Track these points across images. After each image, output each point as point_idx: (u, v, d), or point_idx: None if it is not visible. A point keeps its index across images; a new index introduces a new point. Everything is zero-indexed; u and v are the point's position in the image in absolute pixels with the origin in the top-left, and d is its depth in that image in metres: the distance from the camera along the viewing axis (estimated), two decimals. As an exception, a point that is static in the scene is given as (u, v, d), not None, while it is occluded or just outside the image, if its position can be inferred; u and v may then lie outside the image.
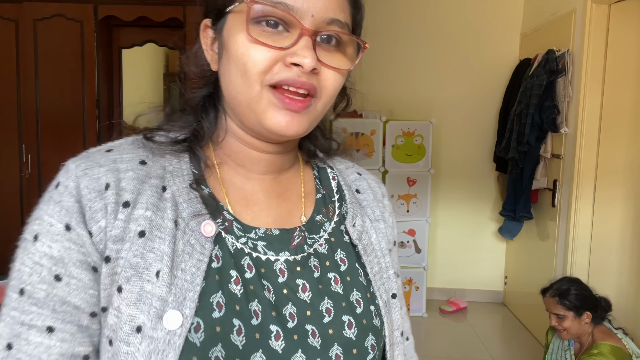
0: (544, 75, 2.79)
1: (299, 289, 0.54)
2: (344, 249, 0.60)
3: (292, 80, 0.51)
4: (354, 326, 0.55)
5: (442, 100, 3.60)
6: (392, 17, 3.55)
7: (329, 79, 0.54)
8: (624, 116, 2.55)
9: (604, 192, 2.63)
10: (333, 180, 0.67)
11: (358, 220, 0.63)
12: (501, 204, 3.36)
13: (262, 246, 0.55)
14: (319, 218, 0.61)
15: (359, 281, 0.59)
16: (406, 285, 3.36)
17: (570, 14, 2.72)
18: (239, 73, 0.51)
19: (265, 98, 0.52)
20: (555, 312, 1.92)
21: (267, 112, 0.52)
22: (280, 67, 0.51)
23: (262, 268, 0.54)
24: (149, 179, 0.52)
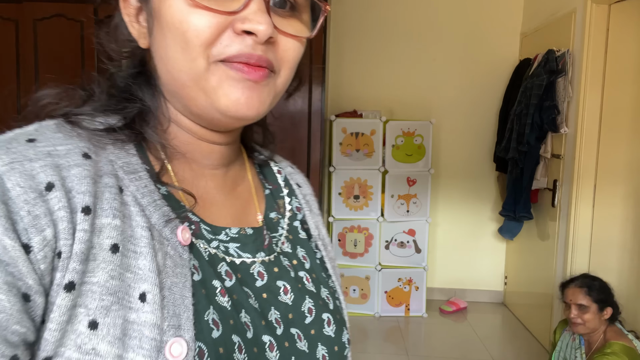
0: (544, 75, 2.79)
1: (281, 291, 0.51)
2: (303, 245, 0.58)
3: (245, 55, 0.43)
4: (332, 323, 0.53)
5: (442, 100, 3.60)
6: (392, 17, 3.55)
7: (288, 50, 0.46)
8: (624, 116, 2.55)
9: (604, 192, 2.63)
10: (279, 174, 0.63)
11: (308, 214, 0.61)
12: (501, 204, 3.36)
13: (234, 249, 0.49)
14: (274, 215, 0.57)
15: (323, 277, 0.57)
16: (406, 285, 3.36)
17: (570, 14, 2.72)
18: (177, 47, 0.43)
19: (216, 71, 0.43)
20: (579, 303, 1.92)
21: (222, 88, 0.44)
22: (229, 37, 0.43)
23: (239, 273, 0.48)
24: (100, 177, 0.41)
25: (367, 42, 3.57)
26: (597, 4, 2.51)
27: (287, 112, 3.07)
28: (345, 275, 3.34)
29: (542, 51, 2.92)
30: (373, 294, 3.34)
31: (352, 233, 3.31)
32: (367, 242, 3.31)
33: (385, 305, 3.36)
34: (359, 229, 3.31)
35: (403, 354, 2.88)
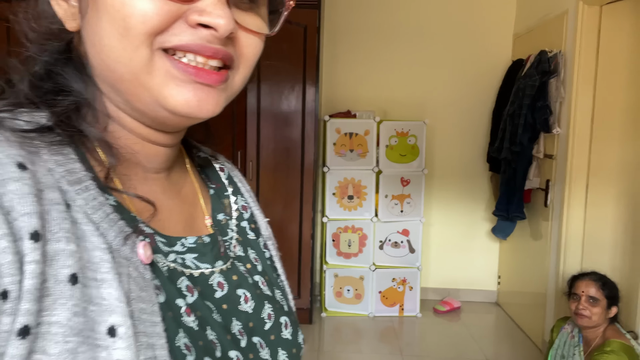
0: (537, 76, 2.81)
1: (241, 300, 0.48)
2: (253, 246, 0.55)
3: (197, 46, 0.38)
4: (289, 325, 0.51)
5: (436, 100, 3.61)
6: (386, 18, 3.56)
7: (249, 46, 0.42)
8: (616, 117, 2.57)
9: (596, 192, 2.65)
10: (222, 172, 0.59)
11: (257, 212, 0.58)
12: (494, 204, 3.37)
13: (192, 260, 0.45)
14: (222, 217, 0.53)
15: (274, 278, 0.55)
16: (400, 285, 3.37)
17: (562, 16, 2.74)
18: (115, 33, 0.37)
19: (160, 67, 0.38)
20: (592, 295, 1.95)
21: (167, 89, 0.39)
22: (180, 27, 0.38)
23: (199, 286, 0.44)
24: (41, 192, 0.34)
25: (361, 43, 3.58)
26: (589, 5, 2.53)
27: (281, 112, 3.07)
28: (340, 276, 3.34)
29: (535, 52, 2.93)
30: (367, 294, 3.34)
31: (346, 233, 3.32)
32: (361, 242, 3.32)
33: (379, 305, 3.37)
34: (353, 229, 3.31)
35: (397, 354, 2.88)
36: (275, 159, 3.10)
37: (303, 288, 3.18)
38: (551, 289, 2.83)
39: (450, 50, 3.57)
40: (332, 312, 3.34)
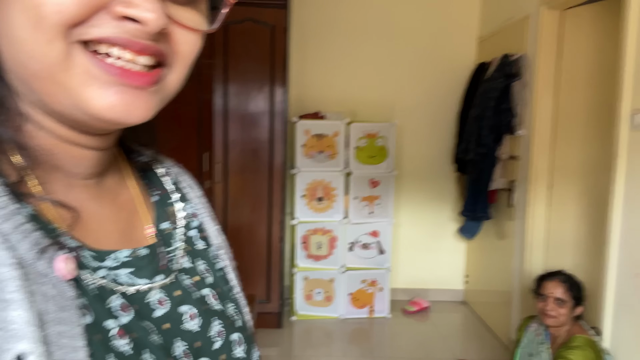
0: (500, 79, 2.87)
1: (186, 317, 0.43)
2: (203, 257, 0.50)
3: (122, 40, 0.33)
4: (243, 342, 0.48)
5: (404, 102, 3.64)
6: (354, 20, 3.57)
7: (185, 43, 0.38)
8: (577, 119, 2.66)
9: (558, 192, 2.72)
10: (166, 177, 0.53)
11: (207, 220, 0.54)
12: (461, 204, 3.43)
13: (126, 275, 0.41)
14: (166, 226, 0.49)
15: (226, 290, 0.51)
16: (370, 286, 3.37)
17: (525, 20, 2.81)
18: (27, 23, 0.32)
19: (79, 65, 0.33)
20: (559, 297, 1.99)
21: (88, 90, 0.34)
22: (102, 18, 0.33)
23: (135, 304, 0.40)
24: None
25: (330, 44, 3.57)
26: (551, 10, 2.60)
27: (249, 114, 3.02)
28: (310, 278, 3.31)
29: (498, 55, 3.00)
30: (337, 296, 3.33)
31: (316, 235, 3.29)
32: (331, 244, 3.30)
33: (349, 308, 3.36)
34: (322, 231, 3.29)
35: (368, 355, 2.88)
36: (244, 161, 3.04)
37: (272, 292, 3.14)
38: (516, 287, 2.89)
39: (417, 53, 3.61)
40: (302, 315, 3.31)
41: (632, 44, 1.91)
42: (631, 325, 1.91)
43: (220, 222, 2.50)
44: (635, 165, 1.89)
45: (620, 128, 1.96)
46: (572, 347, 1.85)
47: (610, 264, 2.01)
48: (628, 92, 1.92)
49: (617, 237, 1.98)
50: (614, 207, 1.99)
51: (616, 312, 1.99)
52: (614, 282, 2.00)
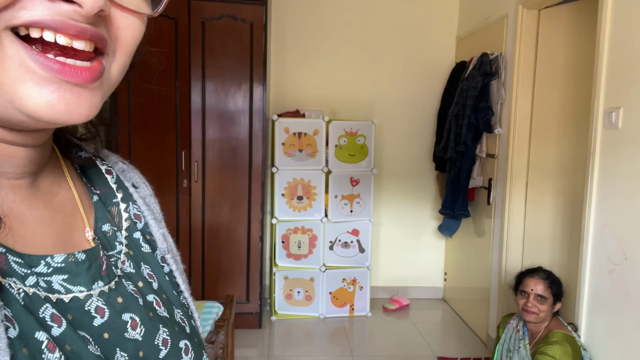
0: (479, 77, 2.89)
1: (128, 326, 0.41)
2: (148, 261, 0.48)
3: (56, 22, 0.30)
4: (190, 350, 0.45)
5: (384, 100, 3.64)
6: (334, 18, 3.55)
7: (126, 28, 0.35)
8: (553, 117, 2.69)
9: (535, 190, 2.76)
10: (108, 175, 0.50)
11: (152, 222, 0.50)
12: (440, 202, 3.45)
13: (60, 282, 0.38)
14: (107, 228, 0.46)
15: (174, 295, 0.48)
16: (350, 285, 3.37)
17: (503, 19, 2.84)
18: None
19: (13, 57, 0.30)
20: (540, 294, 2.01)
21: (24, 87, 0.30)
22: (33, 0, 0.30)
23: (69, 314, 0.37)
24: None
25: (310, 42, 3.54)
26: (528, 9, 2.63)
27: (227, 112, 2.97)
28: (290, 278, 3.29)
29: (477, 54, 3.02)
30: (317, 295, 3.31)
31: (296, 234, 3.27)
32: (311, 243, 3.28)
33: (329, 306, 3.35)
34: (302, 230, 3.27)
35: (348, 354, 2.87)
36: (222, 160, 3.00)
37: (252, 291, 3.10)
38: (494, 284, 2.92)
39: (397, 52, 3.62)
40: (283, 315, 3.29)
41: (607, 43, 1.94)
42: (605, 320, 1.94)
43: (198, 221, 2.46)
44: (609, 163, 1.92)
45: (594, 126, 1.99)
46: (550, 343, 1.88)
47: (585, 260, 2.04)
48: (603, 90, 1.96)
49: (592, 234, 2.01)
50: (588, 204, 2.02)
51: (591, 308, 2.03)
52: (589, 278, 2.03)
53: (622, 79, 1.86)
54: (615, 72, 1.90)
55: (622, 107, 1.84)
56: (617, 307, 1.86)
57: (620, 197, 1.85)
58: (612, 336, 1.90)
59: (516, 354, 2.05)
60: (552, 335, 1.91)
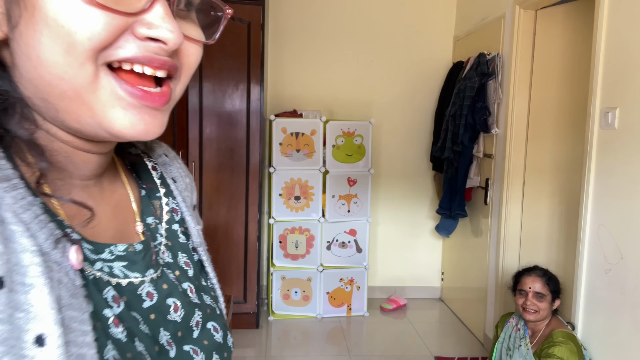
0: (476, 77, 2.89)
1: (171, 309, 0.47)
2: (184, 251, 0.53)
3: (145, 58, 0.37)
4: (219, 329, 0.52)
5: (381, 100, 3.65)
6: (331, 18, 3.55)
7: (191, 55, 0.42)
8: (549, 117, 2.70)
9: (532, 190, 2.77)
10: (154, 171, 0.55)
11: (187, 215, 0.56)
12: (438, 202, 3.45)
13: (120, 268, 0.43)
14: (151, 221, 0.51)
15: (204, 282, 0.55)
16: (348, 285, 3.37)
17: (500, 19, 2.84)
18: (59, 48, 0.34)
19: (106, 87, 0.36)
20: (538, 291, 2.02)
21: (112, 111, 0.37)
22: (127, 40, 0.36)
23: (125, 296, 0.43)
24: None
25: (307, 42, 3.54)
26: (525, 10, 2.64)
27: (225, 112, 2.97)
28: (287, 278, 3.29)
29: (474, 54, 3.03)
30: (315, 295, 3.31)
31: (294, 234, 3.27)
32: (308, 243, 3.28)
33: (327, 306, 3.35)
34: (300, 230, 3.27)
35: (345, 354, 2.87)
36: (219, 160, 2.99)
37: (249, 292, 3.10)
38: (491, 283, 2.93)
39: (394, 52, 3.62)
40: (280, 315, 3.29)
41: (603, 44, 1.94)
42: (602, 319, 1.95)
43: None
44: (605, 163, 1.93)
45: (591, 126, 1.99)
46: (555, 344, 1.88)
47: (581, 259, 2.05)
48: (599, 90, 1.96)
49: (588, 234, 2.02)
50: (585, 204, 2.02)
51: (587, 307, 2.04)
52: (586, 278, 2.04)
53: (618, 79, 1.86)
54: (611, 72, 1.90)
55: (619, 107, 1.85)
56: (614, 307, 1.87)
57: (617, 197, 1.86)
58: (609, 335, 1.91)
59: (517, 352, 2.05)
60: (555, 335, 1.91)
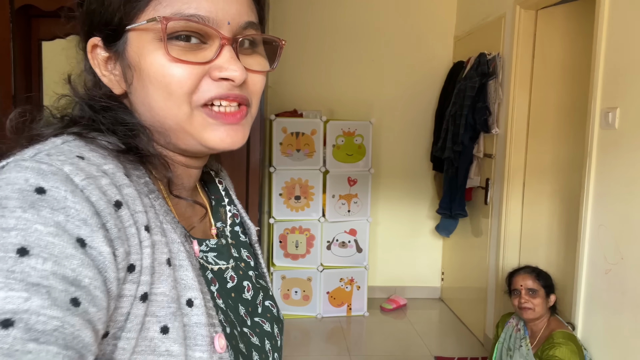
0: (476, 77, 2.89)
1: (245, 290, 0.60)
2: (245, 247, 0.67)
3: (224, 95, 0.49)
4: (274, 306, 0.65)
5: (382, 100, 3.64)
6: (332, 18, 3.55)
7: (256, 84, 0.53)
8: (549, 117, 2.70)
9: (532, 190, 2.76)
10: (220, 184, 0.70)
11: (245, 218, 0.70)
12: (438, 202, 3.45)
13: (212, 257, 0.57)
14: (220, 225, 0.64)
15: (260, 271, 0.68)
16: (348, 285, 3.37)
17: (500, 19, 2.84)
18: (161, 96, 0.48)
19: (198, 118, 0.50)
20: (530, 287, 2.04)
21: (206, 133, 0.50)
22: (207, 83, 0.49)
23: (217, 278, 0.56)
24: (140, 196, 0.45)
25: (308, 42, 3.54)
26: (525, 10, 2.64)
27: (224, 111, 2.97)
28: (287, 277, 3.29)
29: (475, 54, 3.02)
30: (315, 295, 3.31)
31: (294, 234, 3.27)
32: (308, 243, 3.28)
33: (327, 306, 3.35)
34: (300, 230, 3.27)
35: (345, 354, 2.87)
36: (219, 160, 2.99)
37: (249, 291, 3.10)
38: (492, 283, 2.93)
39: (394, 51, 3.62)
40: (280, 314, 3.28)
41: (604, 44, 1.94)
42: (602, 320, 1.95)
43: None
44: (606, 163, 1.93)
45: (591, 126, 1.99)
46: (555, 345, 1.88)
47: (581, 260, 2.05)
48: (600, 90, 1.96)
49: (588, 234, 2.02)
50: (585, 204, 2.02)
51: (587, 307, 2.03)
52: (586, 278, 2.04)
53: (619, 79, 1.86)
54: (612, 73, 1.90)
55: (619, 108, 1.85)
56: (614, 307, 1.87)
57: (617, 197, 1.86)
58: (609, 336, 1.91)
59: (517, 352, 2.05)
60: (555, 336, 1.91)
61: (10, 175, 0.38)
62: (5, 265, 0.33)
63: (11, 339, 0.31)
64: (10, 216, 0.35)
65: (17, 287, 0.33)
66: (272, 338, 0.61)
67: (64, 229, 0.36)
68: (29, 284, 0.33)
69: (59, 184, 0.38)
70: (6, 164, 0.40)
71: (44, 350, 0.31)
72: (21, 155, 0.41)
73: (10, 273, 0.33)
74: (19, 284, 0.33)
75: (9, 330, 0.31)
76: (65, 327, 0.33)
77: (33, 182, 0.37)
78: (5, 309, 0.32)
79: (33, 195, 0.37)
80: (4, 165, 0.40)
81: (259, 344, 0.57)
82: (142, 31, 0.47)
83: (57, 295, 0.34)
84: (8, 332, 0.31)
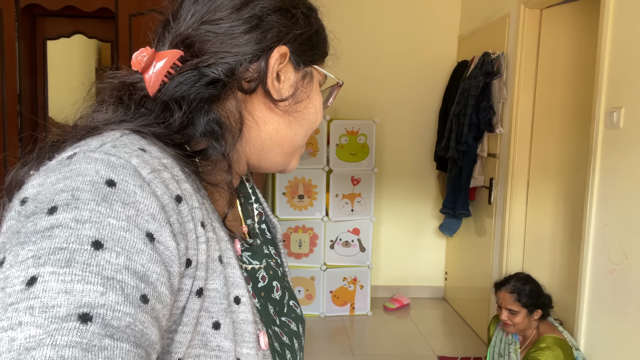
0: (481, 77, 2.88)
1: (274, 289, 0.61)
2: (271, 244, 0.68)
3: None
4: (298, 306, 0.65)
5: (385, 99, 3.64)
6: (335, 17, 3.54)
7: None
8: (554, 117, 2.69)
9: (536, 190, 2.76)
10: (247, 183, 0.70)
11: (272, 218, 0.71)
12: (441, 201, 3.45)
13: (247, 257, 0.57)
14: (249, 222, 0.64)
15: (284, 269, 0.69)
16: (351, 284, 3.37)
17: (505, 18, 2.83)
18: (305, 129, 0.56)
19: (303, 147, 0.60)
20: (509, 308, 1.97)
21: (294, 159, 0.59)
22: None
23: (250, 278, 0.56)
24: (195, 192, 0.45)
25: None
26: (530, 9, 2.63)
27: (228, 110, 2.97)
28: (290, 276, 3.29)
29: (479, 53, 3.02)
30: (318, 294, 3.32)
31: (297, 233, 3.27)
32: (312, 242, 3.29)
33: (330, 305, 3.35)
34: (303, 229, 3.27)
35: (348, 353, 2.88)
36: (223, 158, 3.00)
37: (253, 290, 3.11)
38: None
39: (398, 51, 3.61)
40: (283, 313, 3.29)
41: (609, 43, 1.93)
42: (606, 320, 1.94)
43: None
44: (610, 163, 1.92)
45: (596, 126, 1.98)
46: (541, 348, 1.86)
47: (586, 259, 2.04)
48: (604, 90, 1.95)
49: (593, 234, 2.01)
50: (589, 204, 2.01)
51: (591, 307, 2.03)
52: (590, 278, 2.03)
53: (623, 79, 1.85)
54: (616, 72, 1.89)
55: (624, 107, 1.84)
56: (618, 307, 1.86)
57: (621, 197, 1.85)
58: (613, 336, 1.90)
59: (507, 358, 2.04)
60: (542, 340, 1.90)
61: (81, 167, 0.38)
62: (82, 258, 0.33)
63: (90, 334, 0.31)
64: (84, 208, 0.35)
65: (94, 281, 0.33)
66: (298, 337, 0.61)
67: (135, 223, 0.36)
68: (105, 277, 0.33)
69: (128, 177, 0.38)
70: (74, 154, 0.39)
71: (118, 347, 0.32)
72: (87, 146, 0.40)
73: (87, 266, 0.33)
74: (95, 277, 0.33)
75: (88, 325, 0.31)
76: (136, 324, 0.34)
77: (104, 174, 0.37)
78: (82, 301, 0.32)
79: (105, 188, 0.37)
80: (71, 156, 0.40)
81: (289, 342, 0.58)
82: (318, 74, 0.60)
83: (129, 291, 0.34)
84: (87, 327, 0.31)
